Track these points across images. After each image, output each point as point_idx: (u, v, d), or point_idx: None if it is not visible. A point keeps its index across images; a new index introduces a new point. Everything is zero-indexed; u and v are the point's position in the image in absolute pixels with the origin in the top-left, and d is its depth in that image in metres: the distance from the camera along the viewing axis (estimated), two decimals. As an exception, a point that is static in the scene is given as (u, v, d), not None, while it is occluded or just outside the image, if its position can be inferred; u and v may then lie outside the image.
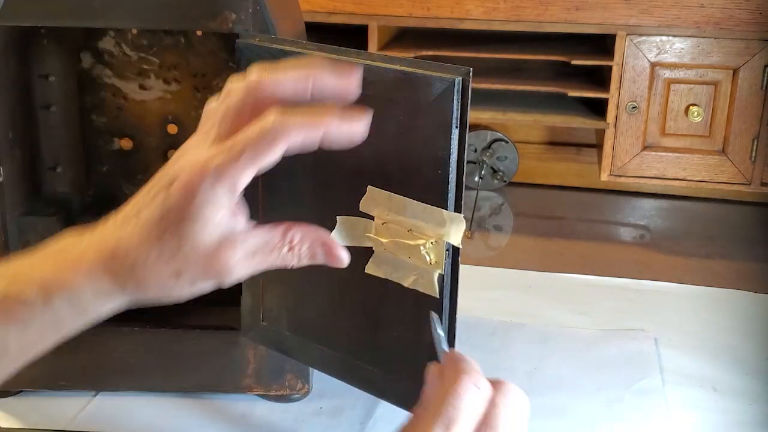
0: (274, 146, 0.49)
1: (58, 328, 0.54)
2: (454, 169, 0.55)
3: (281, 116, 0.50)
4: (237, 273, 0.53)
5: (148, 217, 0.51)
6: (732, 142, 1.14)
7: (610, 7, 1.12)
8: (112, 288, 0.52)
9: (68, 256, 0.53)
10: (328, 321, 0.66)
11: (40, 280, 0.52)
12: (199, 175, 0.50)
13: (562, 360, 0.90)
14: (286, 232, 0.55)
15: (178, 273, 0.52)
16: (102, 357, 0.80)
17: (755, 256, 1.17)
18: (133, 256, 0.51)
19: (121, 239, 0.52)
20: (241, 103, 0.52)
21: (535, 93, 1.22)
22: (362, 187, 0.59)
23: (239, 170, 0.50)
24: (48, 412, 0.80)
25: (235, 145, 0.50)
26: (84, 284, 0.52)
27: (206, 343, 0.79)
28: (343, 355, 0.66)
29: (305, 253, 0.55)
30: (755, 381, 0.87)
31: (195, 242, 0.51)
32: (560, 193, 1.38)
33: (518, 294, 1.04)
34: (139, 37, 0.81)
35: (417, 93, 0.55)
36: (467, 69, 0.54)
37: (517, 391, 0.54)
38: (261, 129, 0.49)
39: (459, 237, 0.56)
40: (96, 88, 0.83)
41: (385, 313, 0.62)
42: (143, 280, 0.52)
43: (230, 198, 0.51)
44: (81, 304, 0.52)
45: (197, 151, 0.52)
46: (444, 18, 1.16)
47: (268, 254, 0.54)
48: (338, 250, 0.56)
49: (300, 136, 0.50)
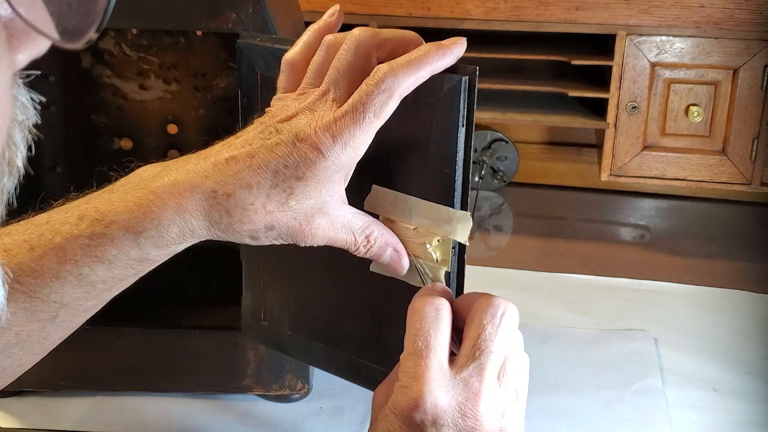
0: (392, 97, 0.51)
1: (142, 263, 0.54)
2: (461, 167, 0.56)
3: (389, 66, 0.51)
4: (315, 240, 0.54)
5: (265, 165, 0.51)
6: (732, 142, 1.14)
7: (610, 7, 1.12)
8: (201, 225, 0.52)
9: (154, 191, 0.52)
10: (332, 320, 0.66)
11: (127, 219, 0.52)
12: (330, 140, 0.51)
13: (562, 360, 0.90)
14: (369, 224, 0.56)
15: (270, 226, 0.52)
16: (102, 357, 0.80)
17: (755, 256, 1.17)
18: (236, 199, 0.51)
19: (226, 179, 0.51)
20: (354, 62, 0.53)
21: (535, 93, 1.22)
22: (368, 185, 0.59)
23: (364, 131, 0.51)
24: (48, 412, 0.80)
25: (356, 106, 0.51)
26: (173, 221, 0.52)
27: (206, 343, 0.79)
28: (347, 354, 0.66)
29: (375, 249, 0.56)
30: (755, 381, 0.87)
31: (303, 201, 0.52)
32: (560, 193, 1.37)
33: (518, 294, 1.04)
34: (139, 37, 0.81)
35: (424, 91, 0.55)
36: (474, 68, 0.54)
37: (496, 307, 0.55)
38: (375, 83, 0.51)
39: (466, 234, 0.56)
40: (96, 87, 0.83)
41: (390, 311, 0.62)
42: (237, 224, 0.52)
43: (353, 162, 0.53)
44: (164, 240, 0.52)
45: (321, 113, 0.52)
46: (444, 18, 1.16)
47: (347, 234, 0.55)
48: (404, 259, 0.57)
49: (412, 79, 0.51)
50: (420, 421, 0.49)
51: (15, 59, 0.30)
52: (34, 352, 0.57)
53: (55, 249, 0.52)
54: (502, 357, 0.53)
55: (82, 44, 0.31)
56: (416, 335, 0.52)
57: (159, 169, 0.54)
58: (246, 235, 0.53)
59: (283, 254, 0.68)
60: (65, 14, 0.31)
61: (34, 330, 0.54)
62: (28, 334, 0.54)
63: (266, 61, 0.61)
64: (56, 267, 0.52)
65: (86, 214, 0.53)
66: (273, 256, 0.68)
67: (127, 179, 0.55)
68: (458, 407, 0.50)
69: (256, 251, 0.69)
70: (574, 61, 1.16)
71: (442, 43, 0.53)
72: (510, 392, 0.53)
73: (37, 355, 0.58)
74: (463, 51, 0.54)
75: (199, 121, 0.84)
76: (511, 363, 0.53)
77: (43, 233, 0.53)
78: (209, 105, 0.84)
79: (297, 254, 0.67)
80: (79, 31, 0.31)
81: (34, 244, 0.53)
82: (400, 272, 0.58)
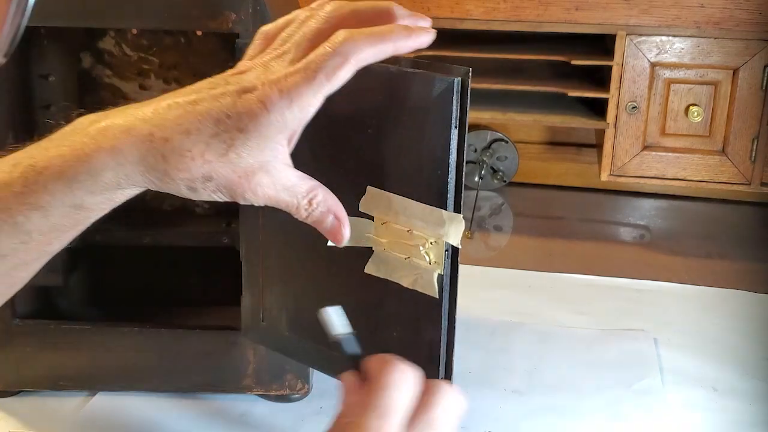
0: (347, 62, 0.50)
1: (78, 210, 0.52)
2: (454, 170, 0.55)
3: (350, 32, 0.50)
4: (256, 200, 0.52)
5: (206, 112, 0.50)
6: (732, 142, 1.14)
7: (610, 7, 1.12)
8: (136, 171, 0.51)
9: (89, 134, 0.51)
10: None
11: (59, 163, 0.50)
12: (277, 94, 0.50)
13: (562, 360, 0.90)
14: (314, 187, 0.54)
15: (208, 176, 0.51)
16: (102, 357, 0.80)
17: (755, 256, 1.17)
18: (174, 144, 0.50)
19: (165, 123, 0.50)
20: (320, 28, 0.52)
21: (535, 93, 1.22)
22: (362, 187, 0.59)
23: (313, 92, 0.50)
24: (48, 412, 0.80)
25: (308, 65, 0.50)
26: (106, 164, 0.50)
27: (206, 343, 0.79)
28: (342, 355, 0.66)
29: (317, 214, 0.55)
30: (755, 381, 0.87)
31: (243, 154, 0.50)
32: (560, 193, 1.38)
33: (518, 294, 1.04)
34: (139, 37, 0.81)
35: (417, 93, 0.55)
36: (466, 69, 0.54)
37: (451, 391, 0.53)
38: (332, 46, 0.50)
39: (458, 237, 0.56)
40: (96, 88, 0.83)
41: (385, 313, 0.62)
42: (173, 170, 0.50)
43: (298, 123, 0.51)
44: (98, 185, 0.51)
45: (274, 69, 0.51)
46: (444, 18, 1.16)
47: (289, 197, 0.53)
48: (345, 229, 0.55)
49: (371, 50, 0.50)
50: None
51: None
52: None
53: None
54: None
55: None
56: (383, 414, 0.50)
57: (97, 116, 0.53)
58: (183, 185, 0.51)
59: (282, 255, 0.68)
60: None
61: None
62: None
63: None
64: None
65: (20, 162, 0.51)
66: (273, 257, 0.68)
67: (67, 127, 0.54)
68: None
69: (257, 252, 0.69)
70: (574, 61, 1.16)
71: (410, 26, 0.53)
72: None
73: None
74: (430, 39, 0.53)
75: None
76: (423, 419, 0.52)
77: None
78: (209, 105, 0.84)
79: (295, 255, 0.67)
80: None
81: None
82: (339, 241, 0.56)
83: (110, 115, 0.52)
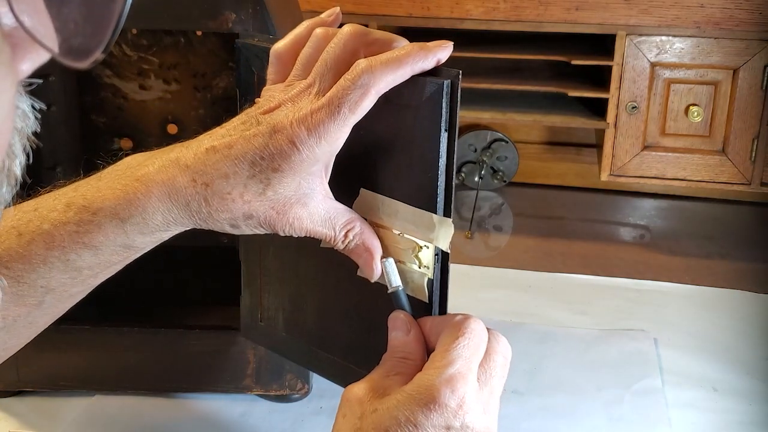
0: (368, 93, 0.51)
1: (128, 250, 0.55)
2: (443, 172, 0.55)
3: (368, 62, 0.52)
4: (294, 230, 0.54)
5: (242, 156, 0.52)
6: (732, 142, 1.14)
7: (610, 7, 1.12)
8: (183, 214, 0.53)
9: (139, 179, 0.53)
10: (322, 323, 0.66)
11: (113, 206, 0.53)
12: (305, 132, 0.51)
13: (562, 360, 0.90)
14: (352, 220, 0.56)
15: (249, 215, 0.53)
16: (102, 357, 0.80)
17: (755, 256, 1.17)
18: (214, 188, 0.52)
19: (205, 169, 0.52)
20: (342, 56, 0.53)
21: (534, 93, 1.22)
22: (355, 189, 0.59)
23: (339, 126, 0.51)
24: (48, 412, 0.80)
25: (332, 100, 0.51)
26: (157, 208, 0.53)
27: (206, 343, 0.79)
28: (336, 357, 0.65)
29: (353, 246, 0.57)
30: (755, 381, 0.87)
31: (280, 191, 0.53)
32: (560, 193, 1.37)
33: (518, 294, 1.04)
34: (139, 37, 0.81)
35: (407, 95, 0.54)
36: (457, 71, 0.53)
37: (506, 342, 0.57)
38: (353, 79, 0.51)
39: (447, 242, 0.56)
40: (96, 87, 0.83)
41: (378, 315, 0.61)
42: (215, 212, 0.53)
43: (330, 155, 0.53)
44: (149, 227, 0.54)
45: (300, 105, 0.53)
46: (444, 18, 1.16)
47: (327, 229, 0.55)
48: (376, 265, 0.57)
49: (390, 77, 0.52)
50: (445, 402, 0.50)
51: (19, 69, 0.30)
52: (19, 336, 0.58)
53: (43, 235, 0.53)
54: (477, 362, 0.54)
55: (89, 64, 0.31)
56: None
57: (145, 158, 0.55)
58: (226, 224, 0.54)
59: (280, 256, 0.68)
60: (71, 32, 0.30)
61: (21, 315, 0.55)
62: (14, 319, 0.55)
63: (262, 61, 0.60)
64: (44, 253, 0.53)
65: (74, 202, 0.54)
66: (271, 257, 0.68)
67: (114, 167, 0.56)
68: None
69: (255, 251, 0.69)
70: (574, 61, 1.16)
71: (426, 44, 0.53)
72: (488, 391, 0.54)
73: (22, 339, 0.59)
74: (447, 54, 0.54)
75: (199, 121, 0.84)
76: (489, 364, 0.54)
77: (31, 219, 0.54)
78: (209, 105, 0.84)
79: (292, 256, 0.67)
80: (85, 51, 0.31)
81: (22, 230, 0.54)
82: (368, 277, 0.58)
83: (156, 157, 0.55)
